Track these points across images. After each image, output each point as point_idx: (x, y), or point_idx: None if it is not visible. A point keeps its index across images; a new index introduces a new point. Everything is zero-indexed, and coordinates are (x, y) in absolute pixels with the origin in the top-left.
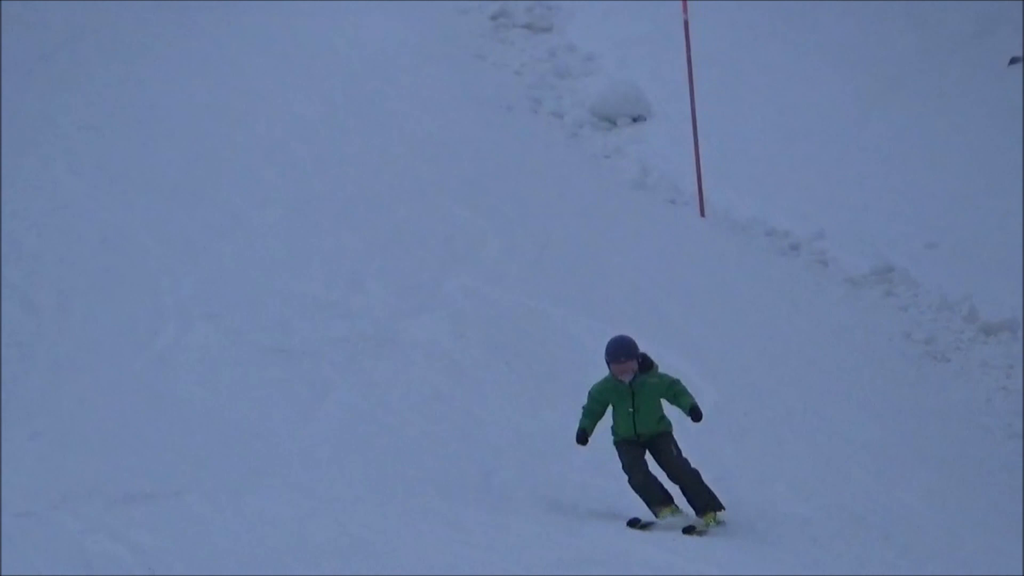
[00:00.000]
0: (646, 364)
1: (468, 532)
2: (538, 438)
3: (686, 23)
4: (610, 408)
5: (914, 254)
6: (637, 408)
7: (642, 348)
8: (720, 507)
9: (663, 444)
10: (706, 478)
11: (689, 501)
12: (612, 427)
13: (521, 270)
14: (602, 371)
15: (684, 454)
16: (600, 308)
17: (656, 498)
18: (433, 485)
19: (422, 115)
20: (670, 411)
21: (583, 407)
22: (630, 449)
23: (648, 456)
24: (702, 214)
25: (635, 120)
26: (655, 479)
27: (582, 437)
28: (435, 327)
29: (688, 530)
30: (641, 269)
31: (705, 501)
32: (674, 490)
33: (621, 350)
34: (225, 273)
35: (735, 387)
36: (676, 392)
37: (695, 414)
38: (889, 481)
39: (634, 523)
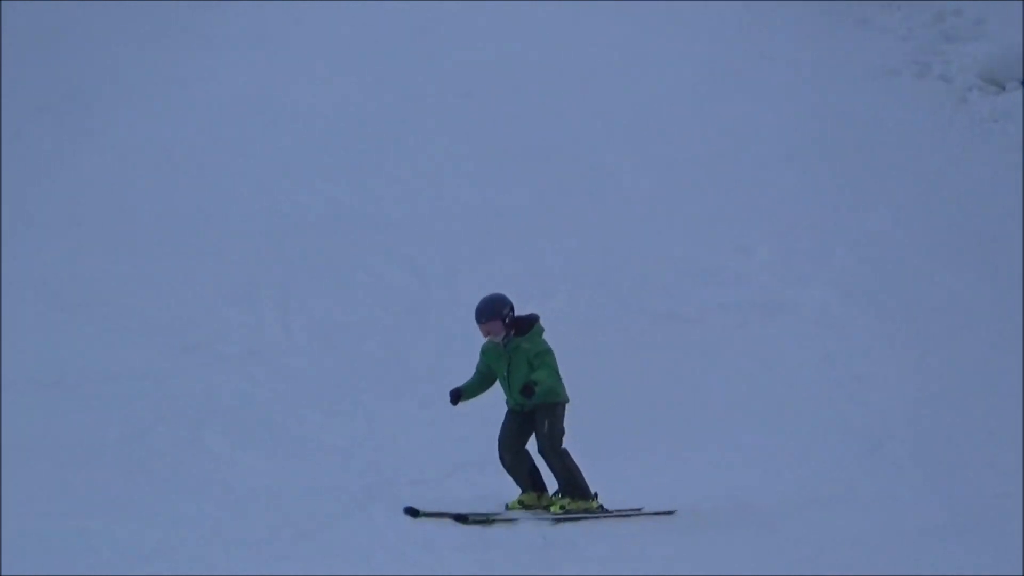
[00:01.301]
0: (523, 326)
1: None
2: (931, 403)
3: None
4: None
5: None
6: (511, 372)
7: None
8: (586, 496)
9: (539, 416)
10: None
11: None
12: None
13: (908, 234)
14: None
15: (560, 433)
16: (988, 270)
17: (523, 483)
18: (818, 454)
19: (802, 83)
20: (570, 385)
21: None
22: (510, 422)
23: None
24: None
25: None
26: (527, 463)
27: (454, 396)
28: (824, 293)
29: (460, 519)
30: None
31: (563, 484)
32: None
33: (480, 311)
34: (605, 238)
35: None
36: (537, 364)
37: (526, 388)
38: None
39: (411, 512)
